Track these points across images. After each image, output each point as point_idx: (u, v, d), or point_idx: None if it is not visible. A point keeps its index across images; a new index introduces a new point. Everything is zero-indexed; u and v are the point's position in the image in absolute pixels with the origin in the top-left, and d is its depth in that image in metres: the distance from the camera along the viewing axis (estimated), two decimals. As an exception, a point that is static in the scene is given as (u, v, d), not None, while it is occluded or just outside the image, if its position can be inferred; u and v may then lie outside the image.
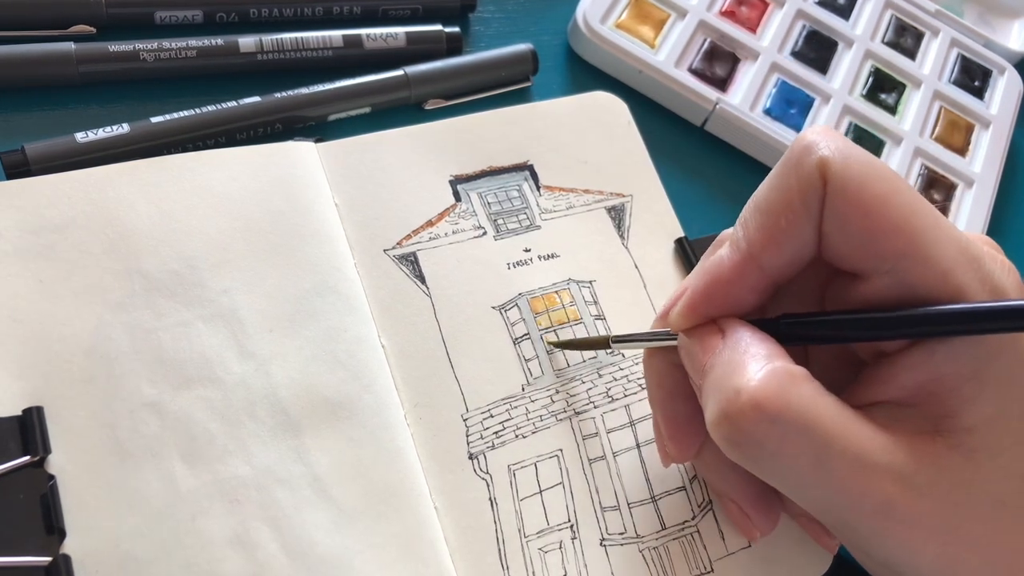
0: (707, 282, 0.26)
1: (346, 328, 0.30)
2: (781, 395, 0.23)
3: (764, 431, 0.23)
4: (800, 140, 0.25)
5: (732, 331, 0.25)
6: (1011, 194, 0.46)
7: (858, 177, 0.24)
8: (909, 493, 0.23)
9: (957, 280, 0.23)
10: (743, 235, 0.26)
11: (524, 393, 0.32)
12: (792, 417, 0.23)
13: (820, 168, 0.24)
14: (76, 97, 0.35)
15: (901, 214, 0.24)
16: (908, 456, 0.23)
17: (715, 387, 0.24)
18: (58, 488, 0.26)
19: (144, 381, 0.28)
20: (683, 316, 0.27)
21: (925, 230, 0.23)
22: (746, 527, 0.29)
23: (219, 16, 0.38)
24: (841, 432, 0.23)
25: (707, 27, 0.44)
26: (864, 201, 0.24)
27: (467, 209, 0.35)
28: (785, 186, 0.25)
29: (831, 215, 0.24)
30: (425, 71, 0.38)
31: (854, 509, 0.24)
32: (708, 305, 0.26)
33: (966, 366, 0.24)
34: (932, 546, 0.23)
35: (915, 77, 0.47)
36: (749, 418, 0.23)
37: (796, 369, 0.24)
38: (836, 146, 0.24)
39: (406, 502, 0.28)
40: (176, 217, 0.30)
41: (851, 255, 0.24)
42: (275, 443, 0.28)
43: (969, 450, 0.23)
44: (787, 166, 0.25)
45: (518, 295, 0.33)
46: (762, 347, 0.24)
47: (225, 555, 0.26)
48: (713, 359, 0.25)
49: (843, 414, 0.23)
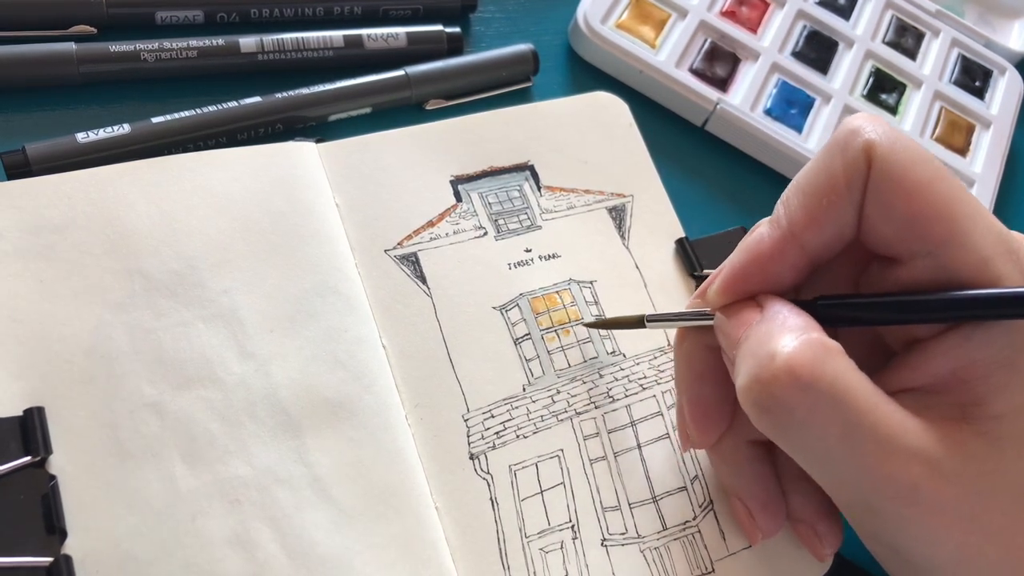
0: (746, 259, 0.26)
1: (347, 328, 0.30)
2: (816, 364, 0.23)
3: (795, 398, 0.23)
4: (846, 124, 0.25)
5: (770, 305, 0.26)
6: (1011, 194, 0.46)
7: (903, 161, 0.24)
8: (935, 479, 0.23)
9: (996, 268, 0.23)
10: (784, 213, 0.26)
11: (525, 393, 0.32)
12: (825, 387, 0.23)
13: (866, 151, 0.24)
14: (77, 97, 0.35)
15: (943, 200, 0.24)
16: (936, 441, 0.23)
17: (749, 354, 0.24)
18: (59, 488, 0.26)
19: (144, 381, 0.28)
20: (721, 293, 0.27)
21: (966, 217, 0.24)
22: (750, 528, 0.29)
23: (220, 16, 0.38)
24: (872, 410, 0.23)
25: (708, 27, 0.44)
26: (908, 185, 0.24)
27: (468, 209, 0.35)
28: (830, 167, 0.25)
29: (874, 198, 0.24)
30: (426, 71, 0.38)
31: (878, 490, 0.23)
32: (746, 282, 0.26)
33: (999, 353, 0.24)
34: (955, 534, 0.23)
35: (916, 77, 0.47)
36: (782, 382, 0.23)
37: (832, 343, 0.24)
38: (882, 131, 0.25)
39: (407, 502, 0.28)
40: (177, 217, 0.30)
41: (891, 238, 0.25)
42: (275, 443, 0.28)
43: (996, 438, 0.23)
44: (833, 148, 0.25)
45: (519, 295, 0.33)
46: (799, 319, 0.24)
47: (225, 555, 0.26)
48: (749, 332, 0.25)
49: (875, 393, 0.23)
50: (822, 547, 0.30)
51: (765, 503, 0.29)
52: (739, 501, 0.29)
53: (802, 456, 0.25)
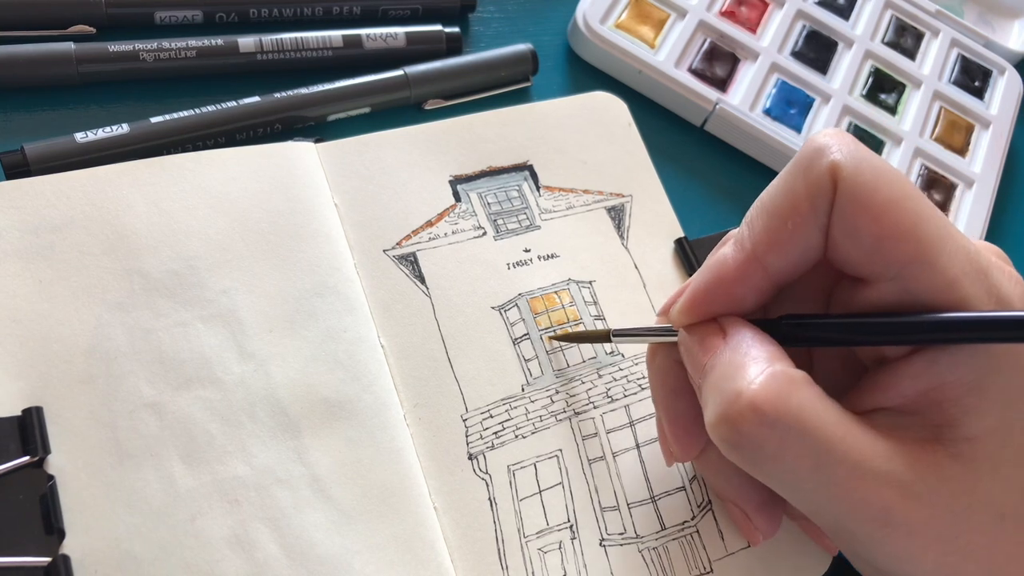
0: (710, 280, 0.26)
1: (346, 328, 0.30)
2: (781, 399, 0.23)
3: (763, 435, 0.23)
4: (811, 143, 0.25)
5: (734, 331, 0.25)
6: (1011, 194, 0.46)
7: (869, 181, 0.24)
8: (908, 501, 0.23)
9: (963, 290, 0.23)
10: (748, 235, 0.26)
11: (524, 393, 0.32)
12: (791, 421, 0.23)
13: (831, 172, 0.24)
14: (76, 97, 0.35)
15: (910, 220, 0.23)
16: (908, 464, 0.23)
17: (715, 388, 0.24)
18: (57, 488, 0.26)
19: (143, 381, 0.28)
20: (684, 312, 0.27)
21: (934, 238, 0.23)
22: (748, 530, 0.29)
23: (219, 16, 0.38)
24: (841, 438, 0.23)
25: (707, 27, 0.44)
26: (874, 206, 0.23)
27: (467, 209, 0.35)
28: (793, 188, 0.25)
29: (840, 219, 0.24)
30: (425, 71, 0.38)
31: (853, 515, 0.24)
32: (710, 303, 0.26)
33: (968, 376, 0.23)
34: (931, 555, 0.23)
35: (915, 77, 0.47)
36: (748, 421, 0.23)
37: (797, 373, 0.24)
38: (848, 150, 0.24)
39: (405, 502, 0.28)
40: (175, 217, 0.30)
41: (858, 260, 0.24)
42: (274, 443, 0.28)
43: (970, 460, 0.23)
44: (797, 168, 0.25)
45: (518, 295, 0.33)
46: (763, 349, 0.24)
47: (224, 555, 0.26)
48: (714, 359, 0.25)
49: (843, 420, 0.23)
50: (827, 539, 0.30)
51: (760, 505, 0.29)
52: (734, 505, 0.29)
53: (777, 486, 0.25)
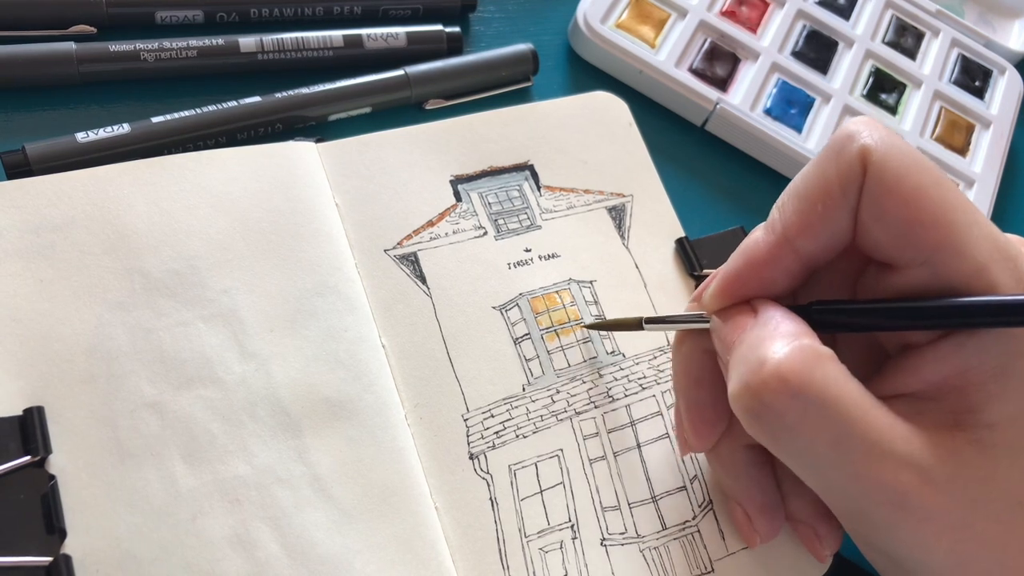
0: (742, 263, 0.26)
1: (347, 328, 0.30)
2: (805, 370, 0.23)
3: (785, 404, 0.23)
4: (843, 129, 0.25)
5: (764, 310, 0.26)
6: (1011, 194, 0.46)
7: (898, 167, 0.24)
8: (926, 486, 0.23)
9: (992, 276, 0.23)
10: (779, 218, 0.26)
11: (525, 393, 0.32)
12: (814, 393, 0.23)
13: (861, 156, 0.24)
14: (77, 97, 0.35)
15: (939, 206, 0.23)
16: (927, 448, 0.23)
17: (741, 359, 0.24)
18: (59, 488, 0.26)
19: (144, 381, 0.28)
20: (717, 296, 0.27)
21: (962, 224, 0.23)
22: (748, 532, 0.29)
23: (220, 16, 0.38)
24: (862, 416, 0.23)
25: (707, 27, 0.44)
26: (903, 191, 0.24)
27: (468, 209, 0.35)
28: (824, 172, 0.25)
29: (869, 203, 0.24)
30: (425, 71, 0.38)
31: (868, 496, 0.23)
32: (742, 286, 0.26)
33: (993, 361, 0.23)
34: (945, 541, 0.23)
35: (915, 77, 0.47)
36: (771, 389, 0.23)
37: (823, 349, 0.24)
38: (879, 135, 0.24)
39: (406, 502, 0.28)
40: (176, 217, 0.30)
41: (887, 245, 0.24)
42: (275, 443, 0.28)
43: (989, 446, 0.23)
44: (828, 153, 0.25)
45: (519, 295, 0.33)
46: (792, 325, 0.24)
47: (225, 555, 0.26)
48: (743, 335, 0.25)
49: (866, 399, 0.23)
50: (822, 548, 0.30)
51: (763, 507, 0.29)
52: (737, 505, 0.29)
53: (794, 461, 0.25)
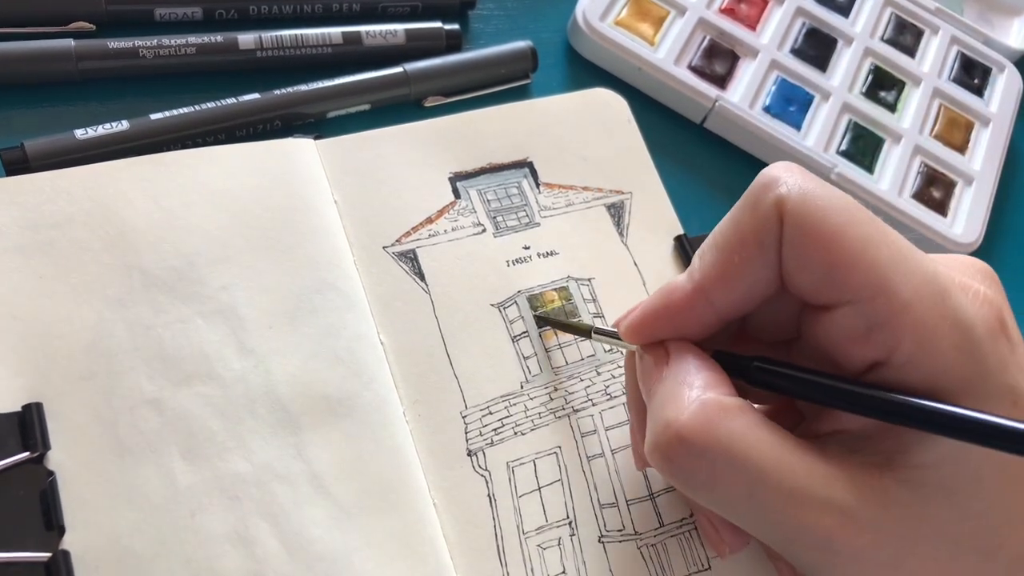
0: (658, 306, 0.26)
1: (345, 325, 0.30)
2: (709, 429, 0.23)
3: (692, 464, 0.23)
4: (760, 178, 0.25)
5: (676, 357, 0.26)
6: (1011, 192, 0.46)
7: (815, 211, 0.23)
8: (850, 527, 0.23)
9: (915, 313, 0.23)
10: (698, 267, 0.26)
11: (523, 390, 0.32)
12: (720, 451, 0.23)
13: (776, 206, 0.24)
14: (76, 94, 0.35)
15: (859, 246, 0.23)
16: (850, 490, 0.23)
17: (652, 417, 0.25)
18: (58, 484, 0.26)
19: (143, 377, 0.28)
20: (630, 332, 0.27)
21: (885, 261, 0.23)
22: (716, 542, 0.29)
23: (218, 13, 0.38)
24: (775, 465, 0.23)
25: (707, 24, 0.44)
26: (822, 236, 0.23)
27: (466, 206, 0.35)
28: (740, 223, 0.25)
29: (789, 252, 0.24)
30: (424, 68, 0.38)
31: (793, 542, 0.24)
32: (655, 327, 0.27)
33: None
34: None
35: (915, 75, 0.47)
36: (675, 451, 0.23)
37: (730, 401, 0.24)
38: (795, 182, 0.24)
39: (405, 499, 0.28)
40: (175, 214, 0.31)
41: (812, 289, 0.24)
42: (274, 440, 0.28)
43: (919, 486, 0.23)
44: (745, 204, 0.25)
45: (517, 292, 0.33)
46: (700, 376, 0.24)
47: (224, 551, 0.26)
48: (657, 385, 0.25)
49: (780, 446, 0.23)
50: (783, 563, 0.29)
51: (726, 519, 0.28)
52: (703, 516, 0.29)
53: (719, 512, 0.25)
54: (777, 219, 0.24)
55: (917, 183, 0.43)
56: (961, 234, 0.42)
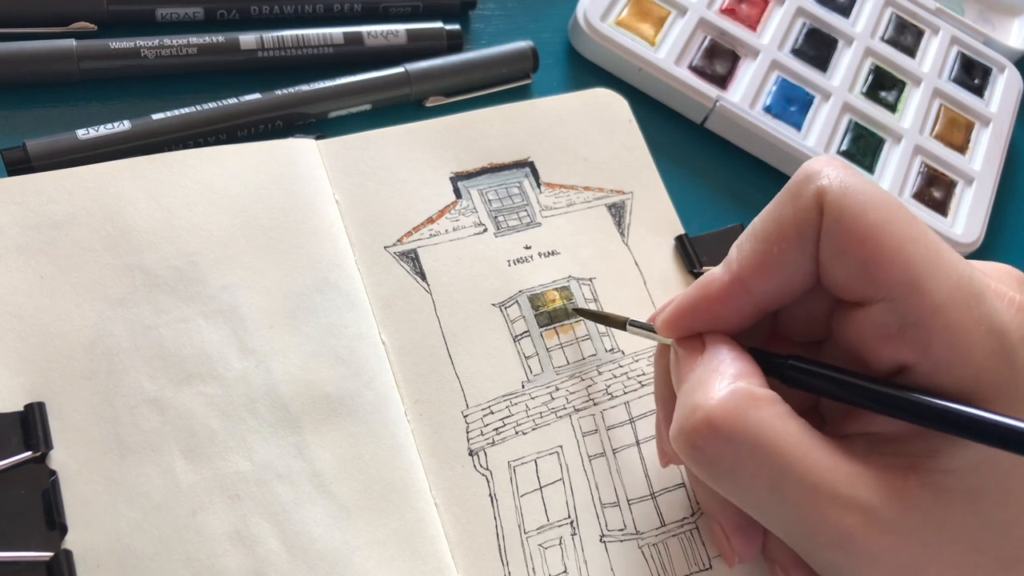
0: (695, 297, 0.26)
1: (346, 324, 0.30)
2: (737, 415, 0.23)
3: (717, 450, 0.23)
4: (802, 169, 0.25)
5: (712, 347, 0.26)
6: (1011, 192, 0.46)
7: (855, 206, 0.23)
8: (871, 527, 0.23)
9: (948, 316, 0.23)
10: (736, 258, 0.26)
11: (524, 390, 0.32)
12: (747, 438, 0.23)
13: (817, 198, 0.24)
14: (77, 94, 0.35)
15: (896, 243, 0.23)
16: (875, 490, 0.23)
17: (680, 402, 0.25)
18: (59, 483, 0.26)
19: (145, 377, 0.28)
20: (666, 325, 0.27)
21: (921, 260, 0.23)
22: (726, 551, 0.29)
23: (220, 13, 0.38)
24: (800, 458, 0.23)
25: (707, 25, 0.44)
26: (859, 230, 0.23)
27: (468, 206, 0.35)
28: (781, 215, 0.25)
29: (827, 244, 0.24)
30: (426, 68, 0.38)
31: (813, 539, 0.23)
32: (692, 319, 0.26)
33: None
34: None
35: (915, 75, 0.47)
36: (702, 435, 0.23)
37: (761, 391, 0.24)
38: (836, 175, 0.24)
39: (406, 498, 0.28)
40: (177, 213, 0.31)
41: (847, 284, 0.24)
42: (275, 439, 0.28)
43: (944, 491, 0.23)
44: (786, 195, 0.25)
45: (518, 292, 0.33)
46: (734, 366, 0.24)
47: (225, 550, 0.26)
48: (688, 375, 0.25)
49: (808, 441, 0.23)
50: None
51: (739, 526, 0.28)
52: (716, 523, 0.29)
53: (738, 502, 0.25)
54: (817, 210, 0.24)
55: (917, 183, 0.43)
56: (961, 234, 0.42)
